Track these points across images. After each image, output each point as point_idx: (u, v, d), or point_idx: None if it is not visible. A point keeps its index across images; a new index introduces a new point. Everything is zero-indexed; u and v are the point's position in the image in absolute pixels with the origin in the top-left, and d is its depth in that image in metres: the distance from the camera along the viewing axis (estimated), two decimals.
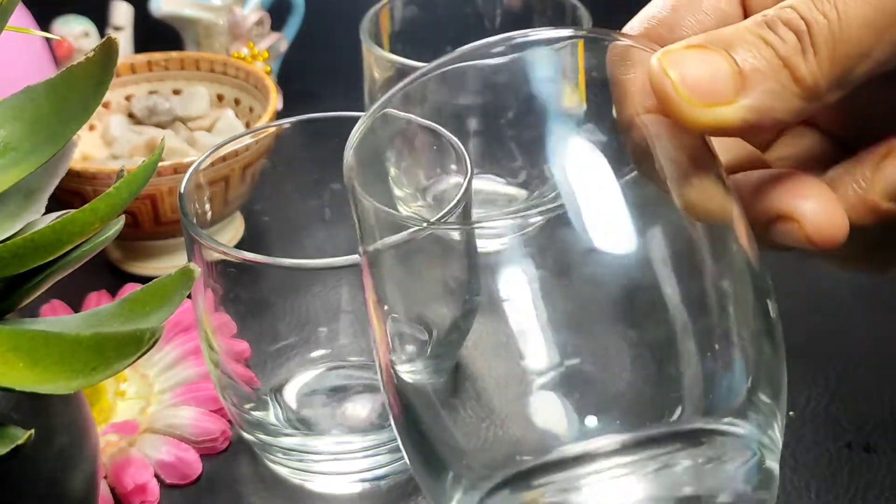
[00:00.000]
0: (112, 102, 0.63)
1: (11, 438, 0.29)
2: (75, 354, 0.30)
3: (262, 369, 0.48)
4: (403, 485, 0.47)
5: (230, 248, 0.41)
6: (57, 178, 0.36)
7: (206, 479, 0.47)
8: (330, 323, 0.49)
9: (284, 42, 0.74)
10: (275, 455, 0.46)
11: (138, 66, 0.63)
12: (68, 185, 0.53)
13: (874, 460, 0.47)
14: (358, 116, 0.51)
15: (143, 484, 0.45)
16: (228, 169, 0.53)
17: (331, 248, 0.54)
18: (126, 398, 0.50)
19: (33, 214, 0.35)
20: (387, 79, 0.57)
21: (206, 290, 0.43)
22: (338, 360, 0.50)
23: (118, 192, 0.34)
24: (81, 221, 0.33)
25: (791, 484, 0.46)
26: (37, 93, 0.35)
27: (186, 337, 0.52)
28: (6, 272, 0.32)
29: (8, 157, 0.35)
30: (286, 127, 0.49)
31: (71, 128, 0.35)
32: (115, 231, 0.36)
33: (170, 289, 0.33)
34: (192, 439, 0.48)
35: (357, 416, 0.48)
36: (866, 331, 0.54)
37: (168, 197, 0.54)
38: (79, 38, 0.70)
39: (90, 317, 0.34)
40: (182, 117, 0.63)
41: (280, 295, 0.48)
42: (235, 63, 0.63)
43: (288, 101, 0.73)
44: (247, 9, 0.71)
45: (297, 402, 0.48)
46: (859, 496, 0.45)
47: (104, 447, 0.47)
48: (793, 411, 0.50)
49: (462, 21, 0.68)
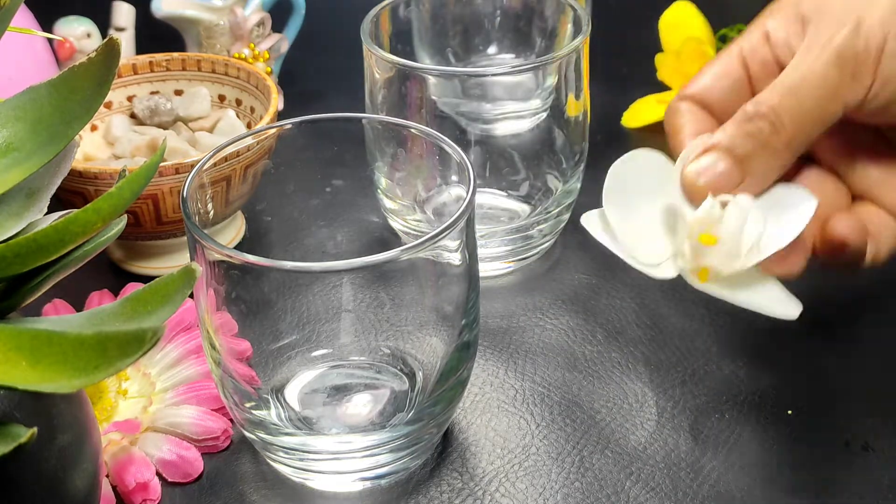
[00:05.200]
0: (114, 103, 0.63)
1: (14, 437, 0.29)
2: (77, 353, 0.30)
3: (264, 368, 0.49)
4: (403, 484, 0.47)
5: (232, 249, 0.41)
6: (59, 178, 0.37)
7: (207, 478, 0.47)
8: (331, 322, 0.50)
9: (286, 43, 0.74)
10: (276, 454, 0.47)
11: (140, 67, 0.64)
12: (70, 185, 0.54)
13: (873, 459, 0.47)
14: (358, 117, 0.52)
15: (144, 482, 0.46)
16: (230, 169, 0.53)
17: (332, 247, 0.54)
18: (128, 397, 0.50)
19: (35, 214, 0.36)
20: (387, 79, 0.57)
21: (207, 289, 0.43)
22: (339, 359, 0.50)
23: (120, 192, 0.34)
24: (83, 221, 0.33)
25: (790, 483, 0.46)
26: (39, 93, 0.36)
27: (188, 336, 0.52)
28: (8, 272, 0.32)
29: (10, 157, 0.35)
30: (287, 127, 0.49)
31: (73, 128, 0.35)
32: (117, 231, 0.36)
33: (171, 288, 0.33)
34: (193, 438, 0.48)
35: (358, 415, 0.48)
36: (865, 330, 0.55)
37: (170, 197, 0.55)
38: (81, 39, 0.70)
39: (92, 316, 0.34)
40: (183, 118, 0.63)
41: (281, 294, 0.48)
42: (237, 64, 0.63)
43: (289, 102, 0.73)
44: (248, 10, 0.71)
45: (298, 401, 0.49)
46: (858, 495, 0.46)
47: (106, 446, 0.47)
48: (791, 410, 0.50)
49: (462, 21, 0.68)
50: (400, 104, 0.57)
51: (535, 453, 0.48)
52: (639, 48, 0.77)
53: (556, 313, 0.56)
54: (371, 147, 0.56)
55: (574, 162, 0.59)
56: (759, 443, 0.48)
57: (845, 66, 0.42)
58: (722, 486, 0.46)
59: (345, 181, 0.55)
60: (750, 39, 0.47)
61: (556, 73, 0.57)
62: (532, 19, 0.67)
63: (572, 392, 0.51)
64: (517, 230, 0.59)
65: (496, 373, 0.53)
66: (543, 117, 0.60)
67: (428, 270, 0.45)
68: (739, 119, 0.43)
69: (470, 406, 0.51)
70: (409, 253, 0.41)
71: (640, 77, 0.75)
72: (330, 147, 0.53)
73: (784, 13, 0.46)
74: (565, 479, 0.47)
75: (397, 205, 0.57)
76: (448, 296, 0.46)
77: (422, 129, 0.49)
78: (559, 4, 0.63)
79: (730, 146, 0.43)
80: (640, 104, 0.73)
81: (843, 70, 0.42)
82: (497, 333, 0.55)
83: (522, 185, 0.60)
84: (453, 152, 0.46)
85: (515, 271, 0.60)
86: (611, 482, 0.47)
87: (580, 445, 0.48)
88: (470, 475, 0.47)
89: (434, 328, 0.47)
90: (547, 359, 0.53)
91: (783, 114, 0.43)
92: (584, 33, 0.57)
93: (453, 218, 0.42)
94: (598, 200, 0.43)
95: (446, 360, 0.46)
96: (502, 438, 0.49)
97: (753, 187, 0.44)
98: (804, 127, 0.43)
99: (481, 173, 0.60)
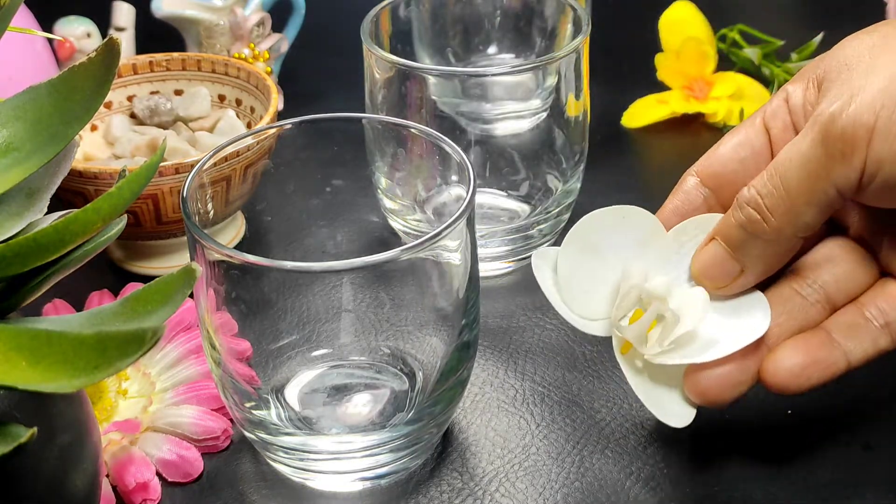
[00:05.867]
0: (114, 103, 0.63)
1: (14, 437, 0.30)
2: (77, 353, 0.30)
3: (264, 368, 0.49)
4: (403, 484, 0.47)
5: (232, 249, 0.41)
6: (59, 178, 0.37)
7: (207, 478, 0.47)
8: (331, 322, 0.50)
9: (285, 43, 0.74)
10: (276, 454, 0.47)
11: (140, 67, 0.64)
12: (70, 185, 0.54)
13: (873, 459, 0.47)
14: (358, 117, 0.52)
15: (144, 482, 0.46)
16: (230, 169, 0.53)
17: (332, 247, 0.54)
18: (128, 397, 0.50)
19: (35, 214, 0.36)
20: (387, 79, 0.57)
21: (207, 289, 0.43)
22: (339, 359, 0.50)
23: (120, 191, 0.34)
24: (83, 221, 0.33)
25: (790, 483, 0.46)
26: (39, 93, 0.36)
27: (188, 336, 0.52)
28: (8, 271, 0.32)
29: (10, 156, 0.35)
30: (287, 127, 0.49)
31: (73, 128, 0.35)
32: (117, 231, 0.36)
33: (171, 288, 0.33)
34: (193, 438, 0.48)
35: (358, 415, 0.48)
36: None
37: (170, 197, 0.55)
38: (81, 39, 0.70)
39: (92, 316, 0.34)
40: (183, 118, 0.63)
41: (281, 294, 0.48)
42: (237, 63, 0.63)
43: (289, 102, 0.73)
44: (248, 9, 0.71)
45: (298, 401, 0.49)
46: (858, 495, 0.46)
47: (106, 445, 0.47)
48: (791, 410, 0.50)
49: (462, 21, 0.68)
50: (400, 104, 0.57)
51: (535, 453, 0.48)
52: (639, 48, 0.77)
53: (556, 313, 0.56)
54: (371, 147, 0.56)
55: (574, 162, 0.59)
56: (759, 443, 0.48)
57: (832, 145, 0.39)
58: (722, 486, 0.46)
59: (345, 181, 0.55)
60: (772, 104, 0.44)
61: (556, 73, 0.57)
62: (532, 19, 0.67)
63: (572, 392, 0.51)
64: (517, 230, 0.59)
65: (496, 373, 0.53)
66: (543, 117, 0.60)
67: (428, 270, 0.45)
68: (734, 206, 0.42)
69: (470, 406, 0.51)
70: (409, 253, 0.41)
71: (640, 77, 0.75)
72: (330, 147, 0.53)
73: (804, 75, 0.43)
74: (565, 479, 0.47)
75: (397, 205, 0.57)
76: (448, 296, 0.46)
77: (422, 129, 0.49)
78: (559, 4, 0.63)
79: (725, 237, 0.42)
80: (640, 104, 0.73)
81: (829, 149, 0.39)
82: (497, 333, 0.55)
83: (522, 185, 0.60)
84: (453, 152, 0.46)
85: (515, 271, 0.60)
86: (611, 482, 0.47)
87: (580, 445, 0.48)
88: (470, 475, 0.47)
89: (434, 328, 0.47)
90: (547, 359, 0.53)
91: (768, 198, 0.40)
92: (584, 33, 0.57)
93: (453, 218, 0.42)
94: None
95: (446, 360, 0.46)
96: (502, 438, 0.49)
97: (753, 277, 0.43)
98: (793, 210, 0.40)
99: (481, 173, 0.60)
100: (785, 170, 0.40)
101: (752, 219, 0.41)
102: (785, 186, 0.40)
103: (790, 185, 0.40)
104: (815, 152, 0.39)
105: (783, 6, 0.90)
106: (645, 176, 0.70)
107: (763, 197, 0.41)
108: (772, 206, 0.40)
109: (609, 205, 0.45)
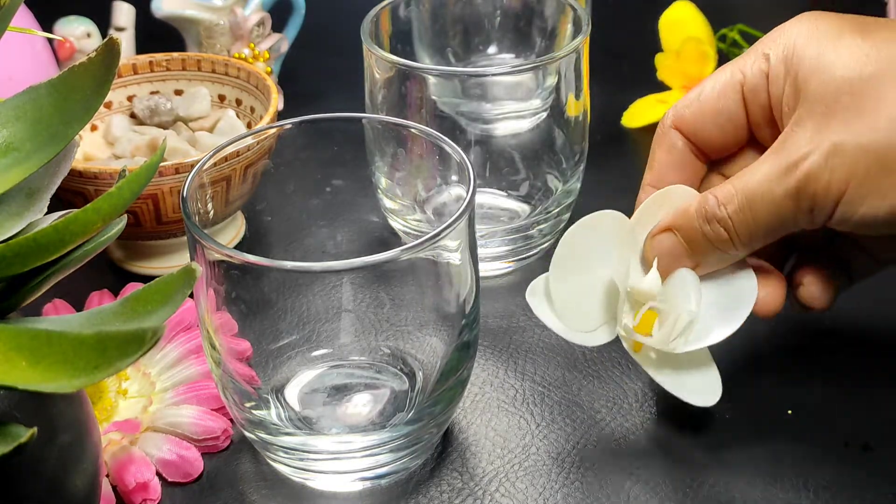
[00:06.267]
0: (114, 103, 0.63)
1: (14, 437, 0.30)
2: (77, 353, 0.30)
3: (264, 368, 0.49)
4: (403, 484, 0.47)
5: (232, 249, 0.41)
6: (59, 178, 0.37)
7: (207, 478, 0.47)
8: (331, 322, 0.50)
9: (285, 42, 0.74)
10: (276, 454, 0.47)
11: (140, 67, 0.64)
12: (70, 185, 0.54)
13: (873, 459, 0.47)
14: (358, 117, 0.52)
15: (144, 482, 0.46)
16: (230, 169, 0.53)
17: (332, 247, 0.54)
18: (128, 397, 0.50)
19: (35, 214, 0.36)
20: (387, 79, 0.57)
21: (207, 289, 0.43)
22: (339, 359, 0.50)
23: (120, 191, 0.34)
24: (83, 221, 0.33)
25: (790, 483, 0.46)
26: (39, 93, 0.36)
27: (188, 336, 0.52)
28: (8, 271, 0.32)
29: (10, 156, 0.35)
30: (287, 127, 0.49)
31: (73, 128, 0.35)
32: (117, 231, 0.36)
33: (171, 288, 0.33)
34: (193, 438, 0.48)
35: (358, 415, 0.48)
36: (864, 329, 0.55)
37: (170, 197, 0.55)
38: (81, 39, 0.70)
39: (92, 316, 0.34)
40: (183, 118, 0.63)
41: (281, 294, 0.48)
42: (237, 63, 0.63)
43: (289, 102, 0.73)
44: (248, 9, 0.71)
45: (298, 401, 0.49)
46: (858, 495, 0.46)
47: (106, 445, 0.47)
48: (791, 410, 0.50)
49: (462, 21, 0.68)
50: (400, 104, 0.57)
51: (535, 453, 0.48)
52: (639, 48, 0.77)
53: None
54: (371, 147, 0.56)
55: (574, 162, 0.59)
56: (759, 443, 0.48)
57: (802, 200, 0.42)
58: (721, 486, 0.46)
59: (345, 181, 0.55)
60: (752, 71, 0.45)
61: (556, 73, 0.57)
62: (532, 19, 0.67)
63: (572, 392, 0.51)
64: (517, 230, 0.59)
65: (496, 373, 0.53)
66: (543, 117, 0.60)
67: (428, 270, 0.45)
68: (700, 214, 0.44)
69: (470, 406, 0.51)
70: (409, 253, 0.41)
71: (640, 77, 0.75)
72: (330, 147, 0.53)
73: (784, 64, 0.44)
74: (565, 479, 0.47)
75: (397, 205, 0.57)
76: (448, 296, 0.46)
77: (422, 129, 0.49)
78: (559, 4, 0.63)
79: (687, 237, 0.45)
80: (640, 104, 0.73)
81: (799, 204, 0.42)
82: (497, 333, 0.55)
83: (522, 185, 0.60)
84: (453, 152, 0.46)
85: (515, 271, 0.60)
86: (611, 482, 0.47)
87: (580, 445, 0.48)
88: (470, 475, 0.47)
89: (434, 328, 0.47)
90: (547, 358, 0.53)
91: (737, 222, 0.43)
92: (584, 33, 0.57)
93: (453, 218, 0.42)
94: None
95: (446, 360, 0.46)
96: (502, 438, 0.49)
97: (704, 271, 0.46)
98: (757, 236, 0.44)
99: (481, 173, 0.60)
100: (757, 207, 0.43)
101: (720, 237, 0.44)
102: (753, 218, 0.43)
103: (758, 217, 0.43)
104: (786, 203, 0.42)
105: (783, 6, 0.90)
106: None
107: (732, 218, 0.43)
108: (739, 230, 0.44)
109: (609, 205, 0.46)
